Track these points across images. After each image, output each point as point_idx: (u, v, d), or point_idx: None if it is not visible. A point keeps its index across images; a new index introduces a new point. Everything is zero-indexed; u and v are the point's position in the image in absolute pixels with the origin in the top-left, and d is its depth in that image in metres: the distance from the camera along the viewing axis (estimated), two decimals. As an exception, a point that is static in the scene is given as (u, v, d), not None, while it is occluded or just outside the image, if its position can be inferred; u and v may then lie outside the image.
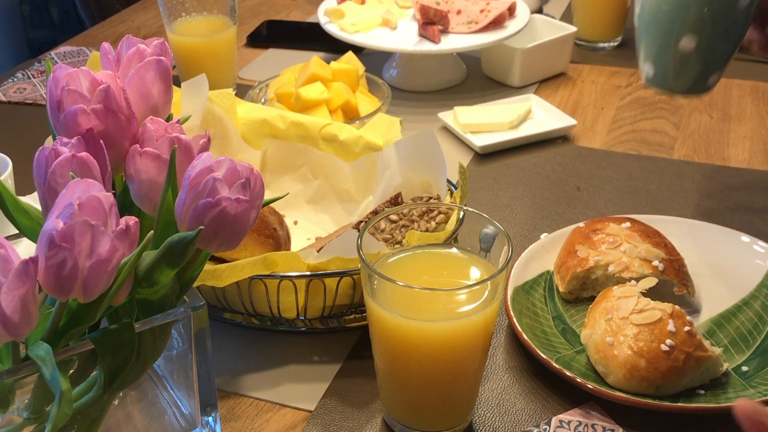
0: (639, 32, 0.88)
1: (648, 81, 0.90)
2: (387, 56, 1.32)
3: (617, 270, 0.77)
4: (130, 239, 0.49)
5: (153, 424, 0.66)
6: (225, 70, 1.25)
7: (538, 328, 0.75)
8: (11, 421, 0.54)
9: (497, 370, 0.74)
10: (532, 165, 1.07)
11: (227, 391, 0.73)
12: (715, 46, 0.84)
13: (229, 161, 0.54)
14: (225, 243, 0.54)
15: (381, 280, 0.61)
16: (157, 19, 1.59)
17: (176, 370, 0.66)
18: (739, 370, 0.71)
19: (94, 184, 0.48)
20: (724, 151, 1.09)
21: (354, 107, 1.10)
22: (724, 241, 0.85)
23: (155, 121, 0.56)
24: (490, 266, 0.66)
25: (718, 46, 0.84)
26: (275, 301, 0.74)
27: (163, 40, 0.60)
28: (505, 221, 0.95)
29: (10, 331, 0.46)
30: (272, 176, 0.96)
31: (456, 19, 1.24)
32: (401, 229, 0.74)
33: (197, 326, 0.58)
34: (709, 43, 0.83)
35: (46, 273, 0.47)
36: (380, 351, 0.65)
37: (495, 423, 0.69)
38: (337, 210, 0.93)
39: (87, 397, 0.54)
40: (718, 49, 0.84)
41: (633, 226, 0.81)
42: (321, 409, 0.71)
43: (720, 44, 0.84)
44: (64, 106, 0.55)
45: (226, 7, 1.23)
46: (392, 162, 0.86)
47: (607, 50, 1.39)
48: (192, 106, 0.89)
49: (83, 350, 0.53)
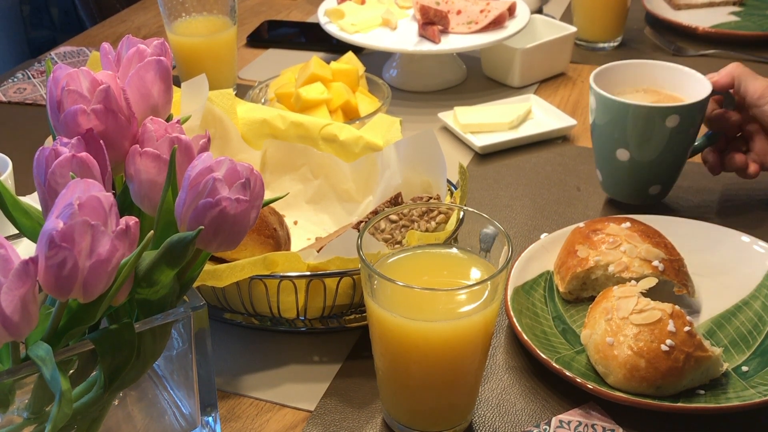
0: (592, 141, 0.96)
1: (601, 186, 0.97)
2: (387, 56, 1.32)
3: (617, 270, 0.77)
4: (130, 239, 0.49)
5: (153, 424, 0.66)
6: (225, 70, 1.25)
7: (538, 329, 0.75)
8: (11, 421, 0.54)
9: (497, 371, 0.74)
10: (532, 165, 1.07)
11: (227, 391, 0.73)
12: (648, 161, 0.91)
13: (229, 161, 0.54)
14: (225, 243, 0.54)
15: (381, 281, 0.61)
16: (157, 19, 1.59)
17: (176, 370, 0.66)
18: (739, 370, 0.71)
19: (94, 184, 0.48)
20: (724, 151, 1.09)
21: (354, 107, 1.10)
22: (724, 241, 0.85)
23: (155, 121, 0.56)
24: (490, 266, 0.66)
25: (653, 160, 0.91)
26: (275, 301, 0.74)
27: (163, 41, 0.60)
28: (505, 221, 0.95)
29: (10, 331, 0.46)
30: (272, 176, 0.96)
31: (456, 20, 1.24)
32: (401, 229, 0.74)
33: (197, 326, 0.58)
34: (641, 158, 0.90)
35: (46, 273, 0.47)
36: (380, 351, 0.65)
37: (495, 423, 0.69)
38: (337, 210, 0.93)
39: (87, 397, 0.54)
40: (654, 163, 0.91)
41: (633, 226, 0.81)
42: (321, 409, 0.71)
43: (654, 159, 0.91)
44: (64, 106, 0.55)
45: (226, 7, 1.23)
46: (392, 162, 0.86)
47: (607, 50, 1.39)
48: (192, 107, 0.89)
49: (83, 350, 0.53)
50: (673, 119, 0.87)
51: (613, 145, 0.91)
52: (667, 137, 0.88)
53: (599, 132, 0.93)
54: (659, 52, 1.38)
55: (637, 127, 0.88)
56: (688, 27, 1.41)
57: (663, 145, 0.89)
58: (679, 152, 0.92)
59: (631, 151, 0.90)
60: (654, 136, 0.88)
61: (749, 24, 1.45)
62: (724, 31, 1.40)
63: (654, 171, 0.92)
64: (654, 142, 0.89)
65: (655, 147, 0.89)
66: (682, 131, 0.89)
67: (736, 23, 1.46)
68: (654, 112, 0.87)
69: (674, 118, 0.87)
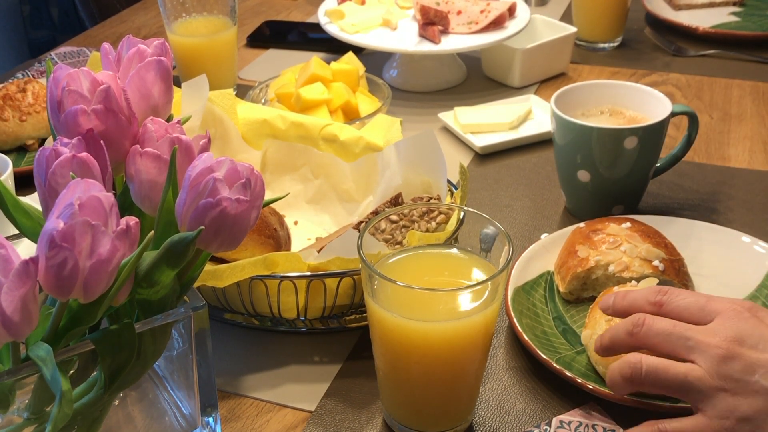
0: (555, 162, 0.96)
1: (567, 207, 0.97)
2: (387, 56, 1.32)
3: (617, 270, 0.77)
4: (130, 239, 0.49)
5: (153, 425, 0.66)
6: (225, 71, 1.25)
7: (538, 329, 0.75)
8: (11, 421, 0.54)
9: (497, 371, 0.74)
10: (532, 165, 1.07)
11: (227, 392, 0.73)
12: (609, 182, 0.91)
13: (230, 161, 0.54)
14: (225, 243, 0.54)
15: (381, 281, 0.61)
16: (158, 19, 1.59)
17: (177, 371, 0.66)
18: (739, 370, 0.71)
19: (94, 184, 0.48)
20: (724, 151, 1.09)
21: (354, 107, 1.10)
22: (725, 241, 0.85)
23: (156, 121, 0.56)
24: (490, 266, 0.66)
25: (614, 181, 0.91)
26: (275, 301, 0.74)
27: (163, 41, 0.60)
28: (505, 221, 0.95)
29: (10, 332, 0.46)
30: (272, 176, 0.96)
31: (456, 20, 1.24)
32: (402, 229, 0.74)
33: (197, 327, 0.58)
34: (602, 179, 0.90)
35: (47, 273, 0.47)
36: (381, 351, 0.65)
37: (495, 423, 0.69)
38: (337, 210, 0.93)
39: (87, 398, 0.54)
40: (616, 184, 0.91)
41: (633, 226, 0.81)
42: (321, 409, 0.71)
43: (616, 180, 0.91)
44: (64, 106, 0.55)
45: (227, 7, 1.23)
46: (392, 162, 0.86)
47: (607, 50, 1.39)
48: (192, 107, 0.89)
49: (84, 350, 0.53)
50: (632, 141, 0.86)
51: (574, 167, 0.90)
52: (626, 158, 0.88)
53: (559, 153, 0.92)
54: (659, 52, 1.38)
55: (595, 148, 0.88)
56: (689, 27, 1.41)
57: (623, 166, 0.88)
58: (641, 173, 0.91)
59: (592, 173, 0.90)
60: (613, 158, 0.88)
61: (749, 24, 1.45)
62: (724, 32, 1.40)
63: (616, 191, 0.91)
64: (613, 163, 0.88)
65: (615, 168, 0.89)
66: (642, 152, 0.88)
67: (737, 23, 1.46)
68: (611, 134, 0.87)
69: (632, 139, 0.86)
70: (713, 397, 0.59)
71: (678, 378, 0.60)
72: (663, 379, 0.60)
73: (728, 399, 0.58)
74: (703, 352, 0.59)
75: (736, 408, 0.58)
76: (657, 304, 0.64)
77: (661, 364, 0.60)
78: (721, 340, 0.59)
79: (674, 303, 0.63)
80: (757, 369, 0.58)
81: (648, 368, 0.61)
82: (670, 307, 0.63)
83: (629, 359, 0.62)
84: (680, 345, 0.60)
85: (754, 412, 0.58)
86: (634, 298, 0.65)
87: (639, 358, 0.61)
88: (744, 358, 0.58)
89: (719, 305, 0.62)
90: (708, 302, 0.62)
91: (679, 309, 0.63)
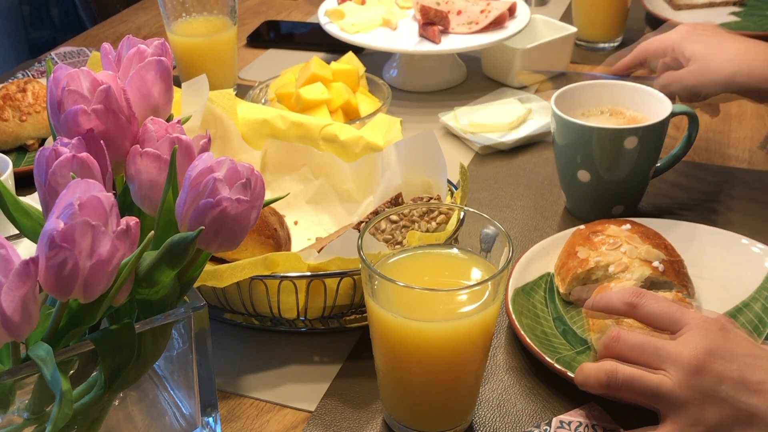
0: (555, 163, 0.96)
1: (567, 207, 0.97)
2: (387, 56, 1.32)
3: (617, 270, 0.77)
4: (130, 239, 0.49)
5: (153, 425, 0.66)
6: (225, 71, 1.25)
7: (538, 329, 0.75)
8: (11, 421, 0.54)
9: (498, 371, 0.74)
10: (532, 165, 1.07)
11: (228, 392, 0.73)
12: (610, 182, 0.91)
13: (230, 161, 0.54)
14: (225, 243, 0.54)
15: (381, 281, 0.61)
16: (158, 19, 1.59)
17: (177, 371, 0.66)
18: (739, 370, 0.71)
19: (94, 184, 0.48)
20: (724, 151, 1.09)
21: (354, 107, 1.10)
22: (724, 242, 0.85)
23: (156, 121, 0.56)
24: (490, 267, 0.66)
25: (614, 181, 0.91)
26: (276, 301, 0.74)
27: (163, 41, 0.60)
28: (505, 221, 0.95)
29: (10, 332, 0.46)
30: (273, 176, 0.96)
31: (456, 20, 1.24)
32: (402, 229, 0.74)
33: (197, 327, 0.58)
34: (602, 179, 0.90)
35: (47, 273, 0.47)
36: (381, 351, 0.65)
37: (495, 424, 0.69)
38: (337, 210, 0.93)
39: (87, 398, 0.54)
40: (616, 184, 0.91)
41: (633, 228, 0.81)
42: (321, 409, 0.71)
43: (616, 180, 0.91)
44: (64, 106, 0.55)
45: (227, 7, 1.23)
46: (392, 162, 0.86)
47: (607, 50, 1.39)
48: (192, 107, 0.89)
49: (84, 350, 0.53)
50: (632, 141, 0.86)
51: (574, 167, 0.90)
52: (626, 159, 0.88)
53: (559, 153, 0.92)
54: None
55: (595, 148, 0.88)
56: (689, 27, 1.41)
57: (623, 166, 0.88)
58: (641, 173, 0.91)
59: (592, 173, 0.90)
60: (613, 158, 0.88)
61: (749, 24, 1.45)
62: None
63: (616, 192, 0.91)
64: (613, 163, 0.88)
65: (615, 168, 0.89)
66: (642, 152, 0.88)
67: (737, 23, 1.46)
68: (611, 134, 0.87)
69: (632, 139, 0.86)
70: (683, 407, 0.61)
71: (651, 388, 0.62)
72: (637, 388, 0.63)
73: (696, 409, 0.60)
74: (674, 362, 0.61)
75: (704, 417, 0.60)
76: (631, 305, 0.66)
77: (636, 374, 0.63)
78: (692, 352, 0.61)
79: (647, 307, 0.66)
80: (724, 380, 0.60)
81: (624, 377, 0.63)
82: (643, 311, 0.66)
83: (605, 367, 0.64)
84: (653, 356, 0.63)
85: (720, 419, 0.60)
86: (609, 299, 0.68)
87: (615, 366, 0.64)
88: (713, 370, 0.60)
89: (690, 317, 0.64)
90: (679, 312, 0.65)
91: (651, 314, 0.66)
